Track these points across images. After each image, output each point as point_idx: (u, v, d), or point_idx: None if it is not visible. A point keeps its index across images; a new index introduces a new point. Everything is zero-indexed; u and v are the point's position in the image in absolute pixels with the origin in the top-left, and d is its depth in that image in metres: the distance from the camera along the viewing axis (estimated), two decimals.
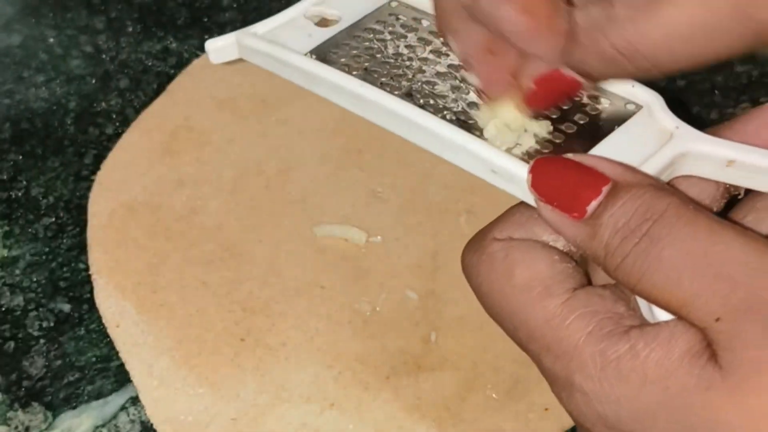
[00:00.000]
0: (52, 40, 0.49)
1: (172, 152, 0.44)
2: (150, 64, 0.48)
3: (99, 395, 0.37)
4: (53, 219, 0.42)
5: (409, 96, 0.29)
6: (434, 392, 0.37)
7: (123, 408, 0.37)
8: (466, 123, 0.29)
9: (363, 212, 0.42)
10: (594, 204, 0.24)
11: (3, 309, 0.39)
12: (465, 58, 0.30)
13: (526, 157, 0.27)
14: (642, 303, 0.25)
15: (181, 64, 0.48)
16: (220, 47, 0.33)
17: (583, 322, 0.25)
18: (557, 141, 0.28)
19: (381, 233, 0.41)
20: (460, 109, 0.29)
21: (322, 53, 0.31)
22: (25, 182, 0.43)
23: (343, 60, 0.31)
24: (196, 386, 0.37)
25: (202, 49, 0.48)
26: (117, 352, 0.38)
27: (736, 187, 0.28)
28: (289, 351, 0.38)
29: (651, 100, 0.29)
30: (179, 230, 0.41)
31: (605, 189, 0.24)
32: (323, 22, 0.33)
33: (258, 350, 0.38)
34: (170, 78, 0.47)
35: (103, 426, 0.37)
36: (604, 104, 0.29)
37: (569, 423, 0.37)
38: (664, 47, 0.26)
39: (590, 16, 0.27)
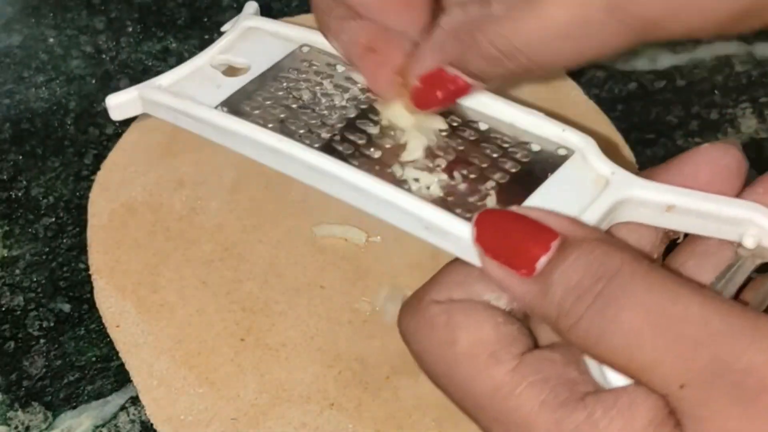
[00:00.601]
0: (52, 40, 0.49)
1: (172, 152, 0.44)
2: (150, 64, 0.48)
3: (99, 395, 0.37)
4: (53, 219, 0.42)
5: (329, 147, 0.28)
6: (434, 392, 0.37)
7: (123, 408, 0.37)
8: (392, 174, 0.27)
9: (363, 212, 0.42)
10: (543, 260, 0.23)
11: (3, 309, 0.39)
12: (347, 56, 0.29)
13: (459, 210, 0.26)
14: (593, 366, 0.24)
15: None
16: (121, 103, 0.31)
17: (535, 390, 0.23)
18: (490, 191, 0.27)
19: (381, 233, 0.41)
20: (379, 156, 0.28)
21: (234, 105, 0.30)
22: (25, 182, 0.43)
23: (256, 112, 0.29)
24: (196, 386, 0.37)
25: (202, 49, 0.48)
26: (117, 352, 0.38)
27: (675, 232, 0.27)
28: (289, 351, 0.38)
29: (583, 144, 0.28)
30: (179, 230, 0.41)
31: (554, 244, 0.23)
32: (231, 71, 0.31)
33: (258, 350, 0.38)
34: None
35: (103, 426, 0.37)
36: (534, 149, 0.28)
37: None
38: (542, 44, 0.25)
39: (469, 14, 0.26)
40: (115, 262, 0.40)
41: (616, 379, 0.23)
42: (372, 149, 0.28)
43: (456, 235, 0.25)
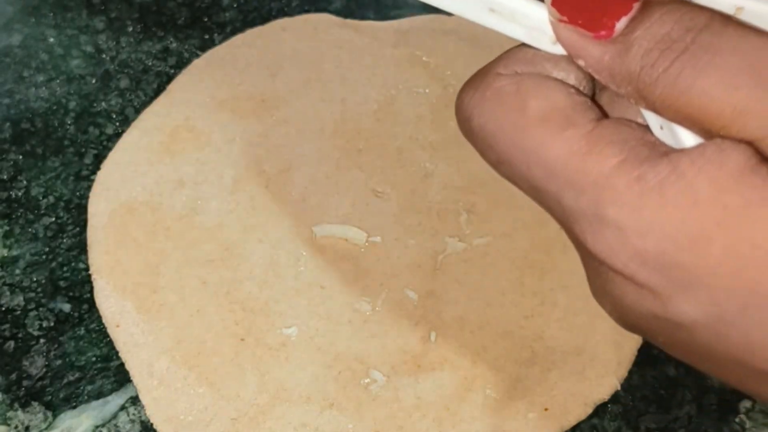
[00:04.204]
0: (52, 40, 0.49)
1: (172, 152, 0.44)
2: (150, 64, 0.48)
3: (99, 395, 0.37)
4: (53, 219, 0.42)
5: None
6: (434, 392, 0.37)
7: (123, 408, 0.37)
8: None
9: (363, 212, 0.42)
10: (624, 20, 0.22)
11: (3, 309, 0.39)
12: None
13: None
14: (665, 137, 0.22)
15: (181, 64, 0.48)
16: None
17: (615, 149, 0.21)
18: None
19: (381, 233, 0.41)
20: None
21: None
22: (25, 182, 0.43)
23: None
24: (196, 386, 0.37)
25: (202, 49, 0.48)
26: (117, 352, 0.38)
27: None
28: (289, 351, 0.38)
29: None
30: (179, 230, 0.41)
31: (636, 5, 0.22)
32: None
33: (258, 350, 0.38)
34: (170, 78, 0.47)
35: (103, 426, 0.37)
36: None
37: (569, 423, 0.37)
38: None
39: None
40: (115, 262, 0.40)
41: (692, 142, 0.22)
42: None
43: (525, 13, 0.23)
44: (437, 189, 0.43)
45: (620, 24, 0.22)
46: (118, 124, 0.45)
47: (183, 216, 0.42)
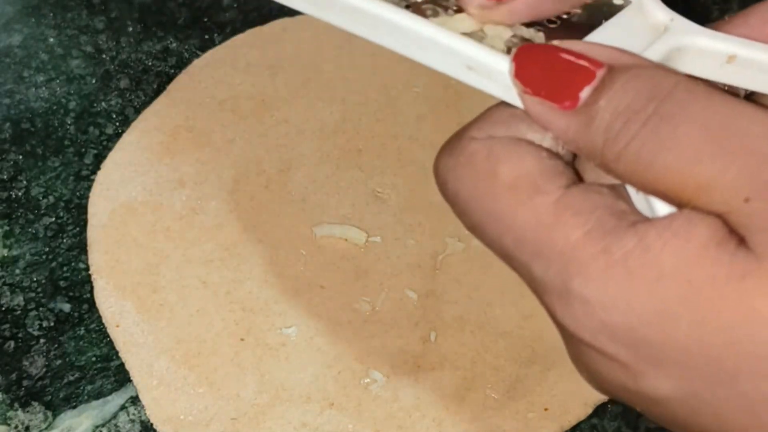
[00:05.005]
0: (52, 40, 0.49)
1: (172, 152, 0.44)
2: (150, 64, 0.48)
3: (99, 395, 0.37)
4: (53, 219, 0.42)
5: None
6: (434, 392, 0.37)
7: (123, 408, 0.37)
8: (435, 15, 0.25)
9: (363, 212, 0.42)
10: (588, 90, 0.21)
11: (3, 309, 0.39)
12: None
13: (505, 50, 0.24)
14: (640, 201, 0.22)
15: (181, 64, 0.48)
16: None
17: (581, 219, 0.21)
18: (538, 34, 0.25)
19: (381, 233, 0.41)
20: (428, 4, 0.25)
21: None
22: (25, 182, 0.43)
23: None
24: (196, 386, 0.37)
25: (202, 49, 0.48)
26: (117, 352, 0.38)
27: (737, 88, 0.25)
28: (289, 351, 0.38)
29: None
30: (179, 230, 0.41)
31: (599, 73, 0.21)
32: None
33: (258, 350, 0.38)
34: (170, 78, 0.47)
35: (103, 426, 0.37)
36: None
37: (569, 423, 0.37)
38: None
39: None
40: (115, 262, 0.40)
41: (665, 211, 0.21)
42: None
43: (501, 71, 0.23)
44: (437, 189, 0.43)
45: (584, 93, 0.21)
46: (118, 124, 0.45)
47: (183, 216, 0.42)
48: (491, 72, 0.23)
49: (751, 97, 0.25)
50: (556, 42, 0.23)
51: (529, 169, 0.22)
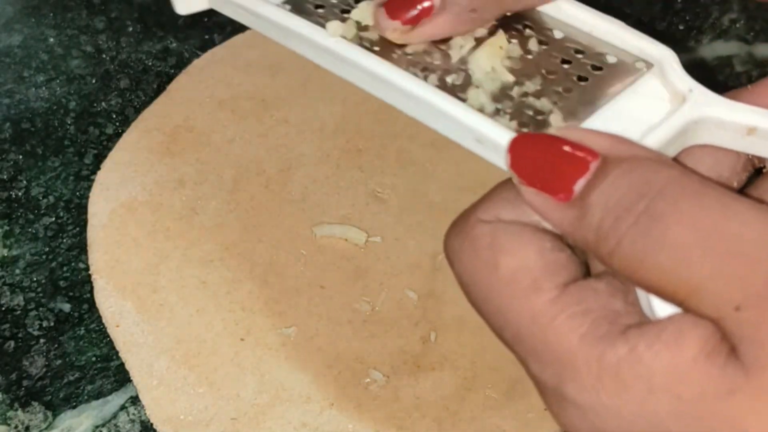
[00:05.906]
0: (52, 40, 0.49)
1: (172, 152, 0.44)
2: (150, 64, 0.48)
3: (99, 395, 0.37)
4: (53, 219, 0.42)
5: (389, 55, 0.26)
6: (434, 392, 0.37)
7: (123, 408, 0.37)
8: (452, 86, 0.26)
9: (363, 212, 0.42)
10: (581, 183, 0.21)
11: (3, 309, 0.39)
12: None
13: (515, 124, 0.24)
14: (641, 295, 0.22)
15: (181, 64, 0.48)
16: None
17: (575, 322, 0.21)
18: (555, 106, 0.25)
19: (381, 233, 0.41)
20: (444, 69, 0.26)
21: (298, 3, 0.28)
22: (25, 182, 0.43)
23: (320, 11, 0.28)
24: (196, 386, 0.37)
25: (202, 49, 0.48)
26: (117, 352, 0.38)
27: (760, 159, 0.25)
28: (289, 351, 0.38)
29: (663, 57, 0.25)
30: (179, 230, 0.41)
31: (593, 165, 0.21)
32: None
33: (258, 350, 0.38)
34: (170, 78, 0.47)
35: (103, 426, 0.37)
36: (610, 60, 0.26)
37: None
38: None
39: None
40: (115, 262, 0.40)
41: (662, 309, 0.21)
42: (434, 63, 0.27)
43: (505, 147, 0.23)
44: (437, 189, 0.43)
45: (578, 186, 0.21)
46: (118, 124, 0.45)
47: (183, 216, 0.42)
48: (497, 147, 0.24)
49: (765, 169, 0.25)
50: (552, 130, 0.23)
51: (529, 264, 0.22)
